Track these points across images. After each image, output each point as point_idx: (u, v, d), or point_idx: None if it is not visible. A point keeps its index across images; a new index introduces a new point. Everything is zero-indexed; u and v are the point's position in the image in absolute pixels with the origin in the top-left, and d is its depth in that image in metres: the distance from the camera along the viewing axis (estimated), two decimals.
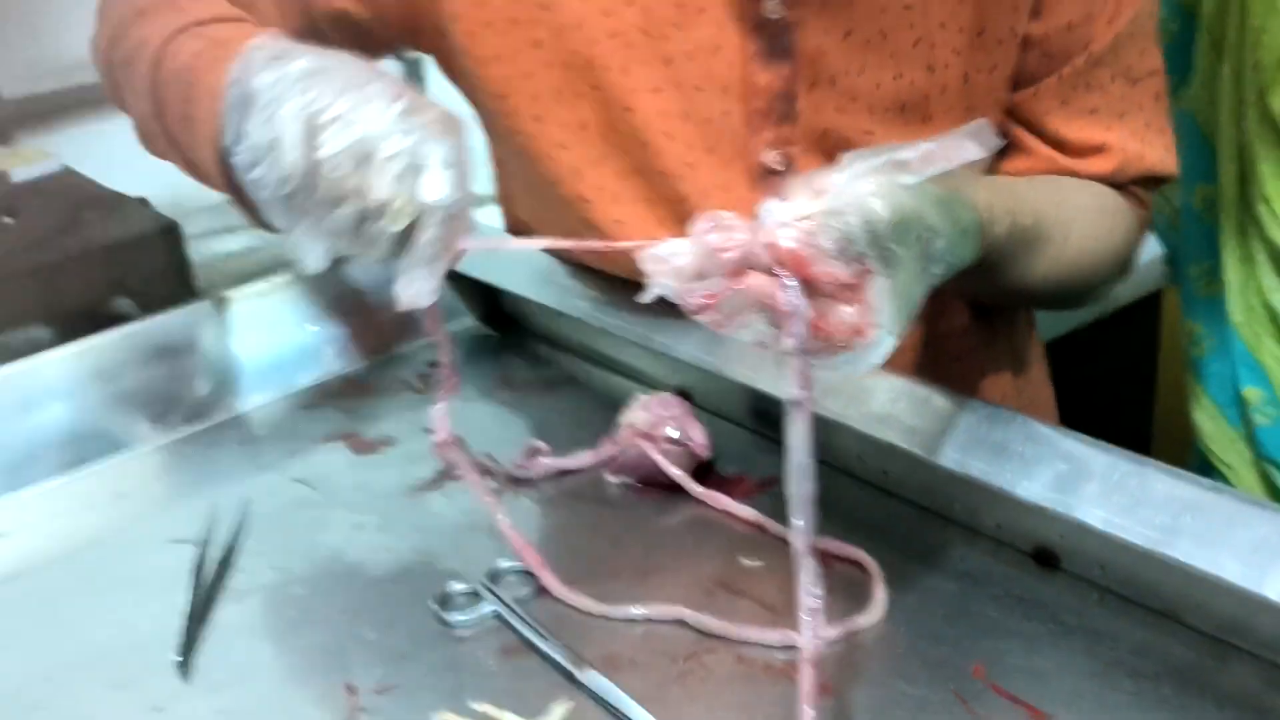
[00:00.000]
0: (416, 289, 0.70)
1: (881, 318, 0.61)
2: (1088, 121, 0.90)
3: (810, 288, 0.61)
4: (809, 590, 0.62)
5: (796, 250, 0.60)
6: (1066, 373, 1.21)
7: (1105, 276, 0.94)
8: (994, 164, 0.92)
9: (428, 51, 0.95)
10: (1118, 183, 0.92)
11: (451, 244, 0.70)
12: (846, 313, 0.61)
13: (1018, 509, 0.74)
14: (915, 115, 0.87)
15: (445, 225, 0.69)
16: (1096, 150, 0.90)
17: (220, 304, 1.00)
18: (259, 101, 0.70)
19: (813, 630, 0.62)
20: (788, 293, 0.61)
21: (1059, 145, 0.91)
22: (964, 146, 0.67)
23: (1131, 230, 0.94)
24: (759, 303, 0.61)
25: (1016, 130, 0.91)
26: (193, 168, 0.83)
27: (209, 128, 0.76)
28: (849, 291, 0.61)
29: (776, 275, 0.61)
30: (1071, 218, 0.88)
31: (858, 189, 0.62)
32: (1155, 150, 0.93)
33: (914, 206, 0.64)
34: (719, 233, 0.61)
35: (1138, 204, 0.94)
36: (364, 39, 0.93)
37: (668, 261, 0.61)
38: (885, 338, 0.62)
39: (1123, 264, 0.95)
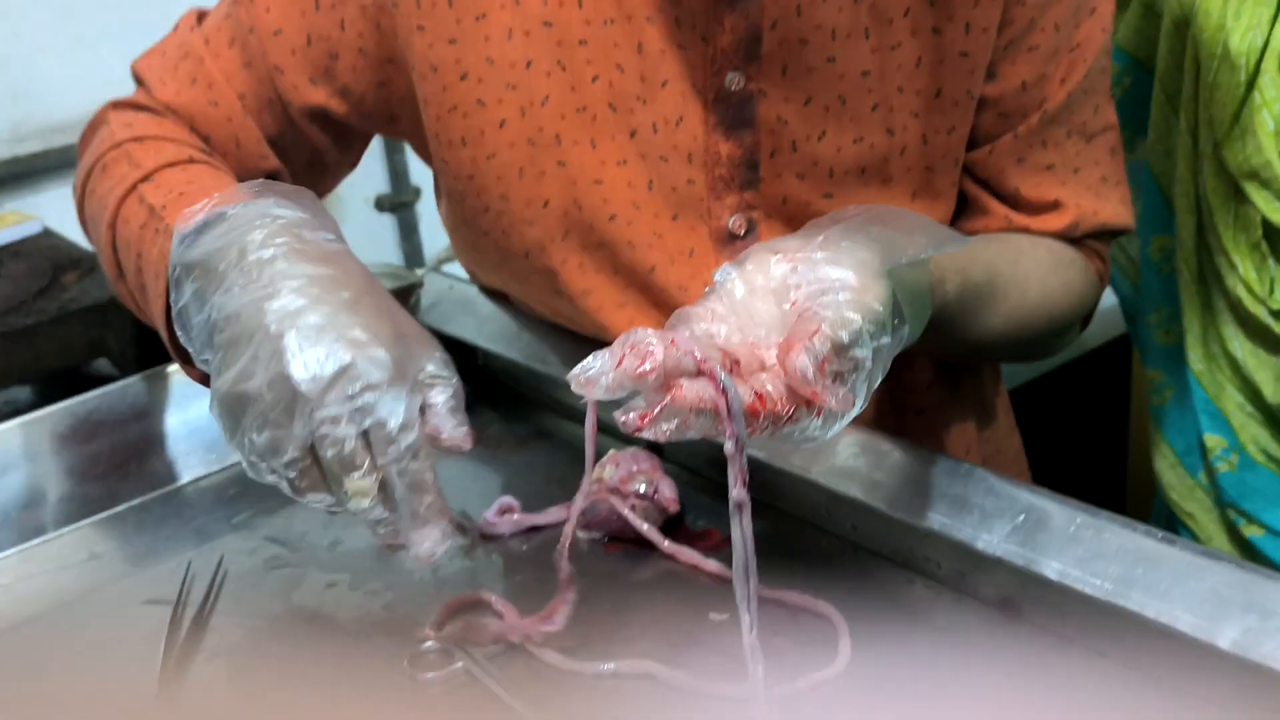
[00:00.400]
0: (429, 543, 0.69)
1: (839, 394, 0.63)
2: (1044, 178, 0.92)
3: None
4: (760, 684, 0.64)
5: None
6: (1038, 418, 1.23)
7: (1064, 329, 0.96)
8: (953, 224, 0.94)
9: (404, 137, 0.97)
10: (1073, 237, 0.94)
11: (430, 476, 0.68)
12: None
13: (978, 561, 0.75)
14: (875, 177, 0.89)
15: (414, 466, 0.68)
16: (1052, 206, 0.93)
17: None
18: (186, 322, 0.72)
19: None
20: (725, 394, 0.61)
21: (1015, 203, 0.93)
22: (942, 237, 0.70)
23: (1089, 284, 0.96)
24: (695, 407, 0.61)
25: (974, 189, 0.93)
26: (150, 324, 0.84)
27: (159, 304, 0.78)
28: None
29: (703, 374, 0.62)
30: (1027, 273, 0.90)
31: (858, 291, 0.63)
32: (1110, 204, 0.95)
33: (892, 296, 0.65)
34: (634, 355, 0.61)
35: (1095, 257, 0.97)
36: (342, 132, 0.95)
37: (595, 382, 0.62)
38: (846, 417, 0.64)
39: (1082, 316, 0.97)
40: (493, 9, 0.87)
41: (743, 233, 0.91)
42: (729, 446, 0.62)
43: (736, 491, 0.63)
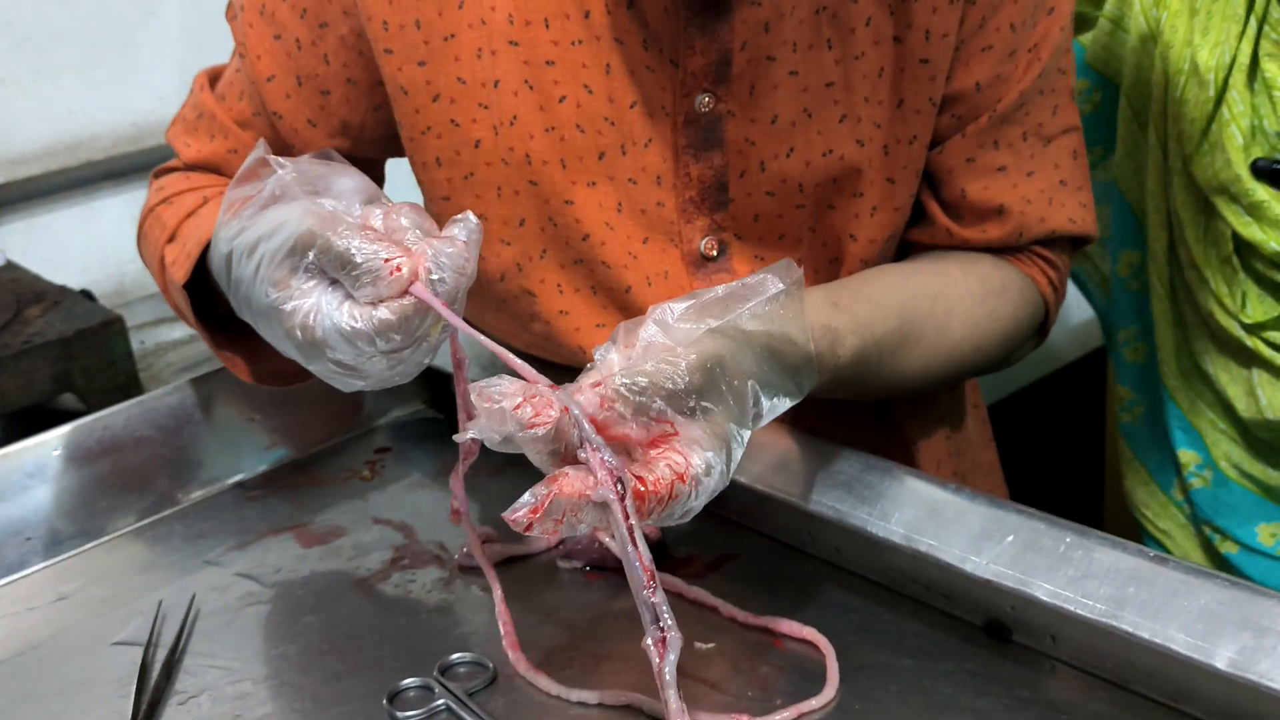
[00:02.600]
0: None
1: (696, 462, 0.63)
2: (993, 180, 0.90)
3: (625, 453, 0.64)
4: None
5: (594, 416, 0.63)
6: (1013, 433, 1.22)
7: (996, 356, 0.94)
8: (904, 231, 0.93)
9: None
10: (1017, 246, 0.93)
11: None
12: (662, 465, 0.63)
13: (967, 582, 0.74)
14: (847, 189, 0.88)
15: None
16: (995, 213, 0.91)
17: (162, 396, 0.99)
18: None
19: None
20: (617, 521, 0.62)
21: (959, 209, 0.92)
22: (766, 283, 0.70)
23: (1025, 305, 0.93)
24: (581, 495, 0.62)
25: (924, 197, 0.92)
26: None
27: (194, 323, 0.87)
28: (660, 445, 0.64)
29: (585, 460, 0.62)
30: (949, 309, 0.88)
31: (658, 350, 0.65)
32: (1066, 209, 0.92)
33: (719, 358, 0.65)
34: (532, 406, 0.62)
35: (1044, 267, 0.94)
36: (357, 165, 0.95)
37: (496, 403, 0.62)
38: (707, 480, 0.64)
39: (1022, 337, 0.95)
40: (461, 29, 0.86)
41: (715, 254, 0.90)
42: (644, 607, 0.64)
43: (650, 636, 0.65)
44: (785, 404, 0.70)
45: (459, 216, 0.70)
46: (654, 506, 0.63)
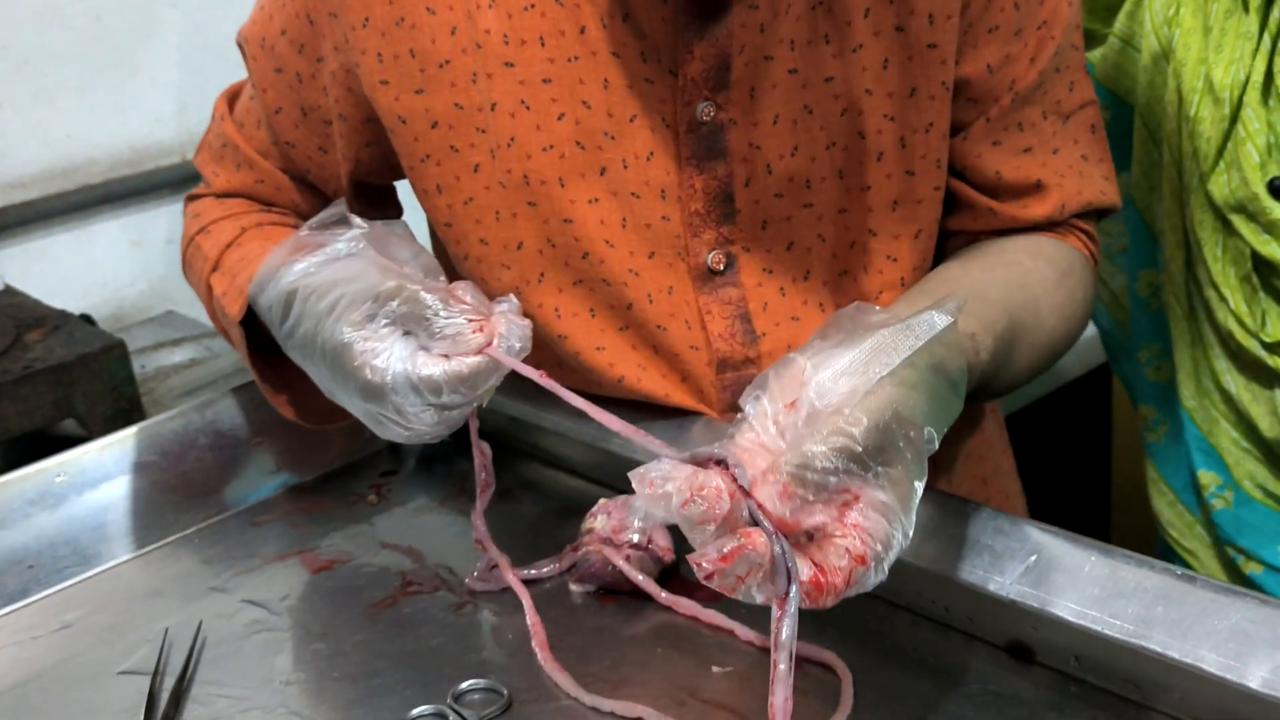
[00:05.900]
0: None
1: (878, 534, 0.59)
2: (1023, 161, 0.90)
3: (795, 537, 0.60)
4: None
5: (785, 520, 0.59)
6: (1018, 449, 1.21)
7: (1074, 337, 0.93)
8: (940, 224, 0.92)
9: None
10: (1061, 221, 0.92)
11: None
12: (840, 550, 0.59)
13: (989, 603, 0.73)
14: (854, 182, 0.88)
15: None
16: (1035, 189, 0.90)
17: (165, 422, 0.98)
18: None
19: None
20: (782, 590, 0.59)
21: (996, 190, 0.91)
22: (933, 319, 0.66)
23: (1086, 280, 0.93)
24: (764, 564, 0.58)
25: (954, 183, 0.91)
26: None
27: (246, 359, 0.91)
28: (840, 518, 0.60)
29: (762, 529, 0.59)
30: (1035, 297, 0.87)
31: (824, 417, 0.60)
32: (1095, 182, 0.92)
33: (894, 413, 0.61)
34: (697, 503, 0.58)
35: (1085, 240, 0.94)
36: (365, 189, 0.97)
37: (660, 488, 0.59)
38: (888, 555, 0.60)
39: (1087, 318, 0.95)
40: (455, 55, 0.86)
41: (722, 268, 0.89)
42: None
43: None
44: (949, 425, 0.67)
45: (502, 299, 0.76)
46: (829, 597, 0.60)
